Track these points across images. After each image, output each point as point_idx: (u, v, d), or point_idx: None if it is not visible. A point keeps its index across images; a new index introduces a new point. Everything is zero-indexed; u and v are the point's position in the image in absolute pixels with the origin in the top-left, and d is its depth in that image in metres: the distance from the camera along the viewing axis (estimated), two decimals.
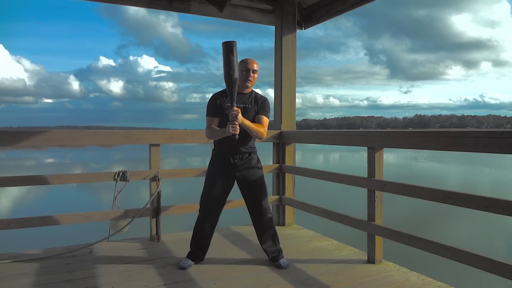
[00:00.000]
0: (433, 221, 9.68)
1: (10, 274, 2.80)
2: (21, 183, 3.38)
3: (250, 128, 2.88)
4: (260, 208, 3.02)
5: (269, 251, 3.05)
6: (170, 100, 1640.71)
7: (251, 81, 2.98)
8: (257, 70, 3.01)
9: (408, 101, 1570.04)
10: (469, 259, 2.33)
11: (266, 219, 3.04)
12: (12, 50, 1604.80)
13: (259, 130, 2.93)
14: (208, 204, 3.01)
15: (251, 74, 2.97)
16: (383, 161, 3.08)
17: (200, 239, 3.03)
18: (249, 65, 2.97)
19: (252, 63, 2.98)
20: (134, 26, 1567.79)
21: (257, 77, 3.04)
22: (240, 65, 2.98)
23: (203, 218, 3.02)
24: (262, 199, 3.03)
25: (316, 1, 4.37)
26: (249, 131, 2.90)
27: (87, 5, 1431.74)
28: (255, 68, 2.99)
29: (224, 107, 2.93)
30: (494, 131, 2.16)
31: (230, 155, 2.97)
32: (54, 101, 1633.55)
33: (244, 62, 2.99)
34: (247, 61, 2.99)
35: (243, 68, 2.97)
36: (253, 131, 2.90)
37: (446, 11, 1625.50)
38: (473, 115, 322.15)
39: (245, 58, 3.03)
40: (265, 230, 3.05)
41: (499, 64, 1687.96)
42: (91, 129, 3.73)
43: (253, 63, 2.99)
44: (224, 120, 2.90)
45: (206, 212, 3.02)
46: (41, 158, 37.17)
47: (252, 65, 2.97)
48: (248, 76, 2.96)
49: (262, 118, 3.00)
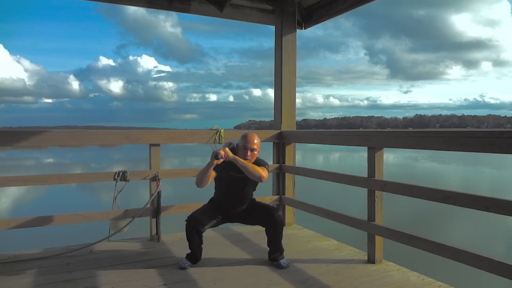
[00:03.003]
0: (433, 221, 9.67)
1: (10, 274, 2.80)
2: (21, 183, 3.38)
3: (246, 166, 2.84)
4: (270, 211, 3.02)
5: (273, 250, 3.04)
6: (170, 100, 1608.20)
7: (249, 160, 2.91)
8: (256, 149, 2.94)
9: (408, 101, 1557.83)
10: (469, 259, 2.32)
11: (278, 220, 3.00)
12: (12, 50, 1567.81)
13: (257, 170, 2.86)
14: (192, 220, 2.95)
15: (248, 154, 2.90)
16: (383, 161, 3.08)
17: (191, 244, 3.00)
18: (248, 144, 2.91)
19: (252, 142, 2.91)
20: (133, 26, 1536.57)
21: (257, 153, 2.97)
22: (241, 140, 2.96)
23: (189, 228, 2.96)
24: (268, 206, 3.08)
25: (316, 1, 4.36)
26: (245, 170, 2.85)
27: (87, 5, 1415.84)
28: (254, 147, 2.92)
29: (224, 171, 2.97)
30: (494, 131, 2.16)
31: (228, 211, 3.06)
32: (54, 101, 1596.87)
33: (244, 139, 2.94)
34: (247, 139, 2.92)
35: (242, 145, 2.93)
36: (250, 169, 2.84)
37: (446, 11, 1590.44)
38: (473, 115, 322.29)
39: (246, 134, 2.97)
40: (277, 233, 3.03)
41: (499, 63, 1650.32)
42: (91, 129, 3.73)
43: (252, 142, 2.92)
44: (220, 178, 2.98)
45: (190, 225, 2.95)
46: (41, 158, 37.16)
47: (252, 144, 2.91)
48: (246, 155, 2.90)
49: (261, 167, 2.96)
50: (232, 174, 2.96)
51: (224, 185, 3.04)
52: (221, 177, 2.99)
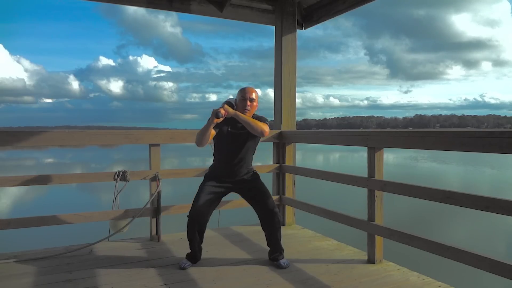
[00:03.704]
0: (433, 221, 9.67)
1: (10, 274, 2.80)
2: (21, 183, 3.38)
3: (247, 120, 2.87)
4: (269, 211, 3.00)
5: (273, 250, 3.04)
6: (170, 100, 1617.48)
7: (248, 110, 2.94)
8: (255, 99, 2.97)
9: (408, 101, 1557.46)
10: (469, 259, 2.32)
11: (276, 221, 3.01)
12: (12, 50, 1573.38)
13: (258, 124, 2.89)
14: (194, 214, 2.95)
15: (248, 104, 2.93)
16: (383, 161, 3.08)
17: (192, 243, 3.00)
18: (247, 94, 2.94)
19: (250, 92, 2.96)
20: (133, 25, 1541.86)
21: (256, 105, 3.00)
22: (239, 94, 2.99)
23: (191, 225, 2.97)
24: (268, 202, 3.03)
25: (316, 1, 4.37)
26: (246, 124, 2.87)
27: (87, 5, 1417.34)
28: (253, 97, 2.96)
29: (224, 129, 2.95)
30: (494, 131, 2.16)
31: (228, 178, 3.01)
32: (54, 101, 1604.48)
33: (242, 91, 2.99)
34: (245, 90, 2.97)
35: (241, 97, 2.96)
36: (251, 123, 2.87)
37: (446, 11, 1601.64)
38: (473, 115, 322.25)
39: (244, 87, 3.01)
40: (275, 231, 3.03)
41: (499, 63, 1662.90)
42: (91, 129, 3.73)
43: (251, 92, 2.96)
44: (220, 136, 2.95)
45: (192, 221, 2.96)
46: (41, 158, 37.16)
47: (250, 94, 2.95)
48: (245, 106, 2.93)
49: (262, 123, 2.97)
50: (232, 131, 2.96)
51: (224, 144, 3.00)
52: (221, 135, 2.95)
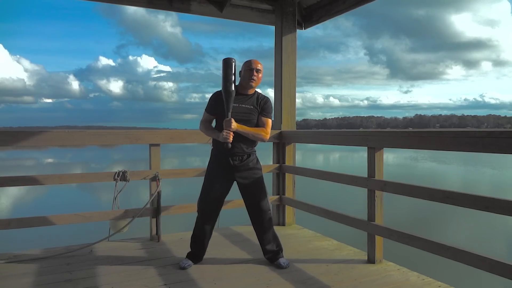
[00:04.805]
0: (433, 221, 9.67)
1: (10, 274, 2.80)
2: (21, 183, 3.38)
3: (247, 133, 2.93)
4: (260, 209, 3.02)
5: (269, 251, 3.05)
6: (170, 100, 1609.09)
7: (254, 80, 2.97)
8: (261, 70, 3.02)
9: (408, 101, 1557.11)
10: (469, 259, 2.32)
11: (266, 220, 3.04)
12: (12, 50, 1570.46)
13: (259, 133, 2.97)
14: (206, 206, 3.01)
15: (254, 74, 2.96)
16: (383, 161, 3.08)
17: (200, 240, 3.03)
18: (253, 65, 2.98)
19: (256, 63, 2.99)
20: (133, 25, 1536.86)
21: (261, 77, 3.05)
22: (244, 65, 3.02)
23: (202, 220, 3.02)
24: (262, 200, 3.02)
25: (316, 1, 4.37)
26: (247, 136, 2.94)
27: (87, 5, 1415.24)
28: (259, 67, 2.99)
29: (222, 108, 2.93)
30: (494, 131, 2.16)
31: (229, 156, 2.97)
32: (54, 101, 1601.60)
33: (248, 62, 3.02)
34: (250, 61, 3.02)
35: (247, 67, 2.99)
36: (251, 135, 2.95)
37: (445, 11, 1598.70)
38: (473, 115, 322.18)
39: (249, 59, 3.05)
40: (266, 231, 3.05)
41: (499, 63, 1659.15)
42: (91, 129, 3.73)
43: (257, 63, 3.00)
44: (220, 119, 2.95)
45: (204, 214, 3.02)
46: (41, 158, 37.17)
47: (256, 64, 2.98)
48: (252, 75, 2.95)
49: (266, 120, 3.02)
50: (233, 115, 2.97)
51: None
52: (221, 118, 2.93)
